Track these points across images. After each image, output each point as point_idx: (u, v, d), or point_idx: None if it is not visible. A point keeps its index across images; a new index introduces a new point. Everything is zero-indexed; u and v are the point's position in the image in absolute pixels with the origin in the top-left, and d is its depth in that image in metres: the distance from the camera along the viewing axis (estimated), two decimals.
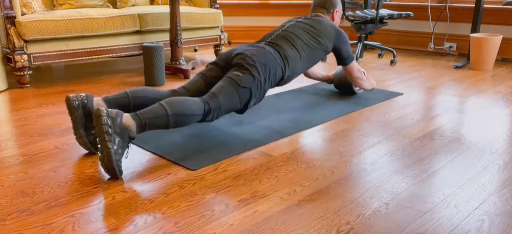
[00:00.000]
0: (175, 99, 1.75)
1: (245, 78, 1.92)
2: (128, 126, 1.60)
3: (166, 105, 1.70)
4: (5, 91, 2.86)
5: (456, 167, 1.72)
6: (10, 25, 2.83)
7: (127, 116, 1.62)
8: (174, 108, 1.71)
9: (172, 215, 1.37)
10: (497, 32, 3.97)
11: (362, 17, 3.60)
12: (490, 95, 2.76)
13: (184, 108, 1.73)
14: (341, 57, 2.42)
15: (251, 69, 1.95)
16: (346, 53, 2.40)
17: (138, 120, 1.63)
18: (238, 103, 1.92)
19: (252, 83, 1.94)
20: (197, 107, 1.78)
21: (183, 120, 1.74)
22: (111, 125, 1.54)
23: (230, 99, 1.89)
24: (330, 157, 1.81)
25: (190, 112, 1.75)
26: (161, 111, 1.68)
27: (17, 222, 1.33)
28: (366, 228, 1.30)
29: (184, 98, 1.78)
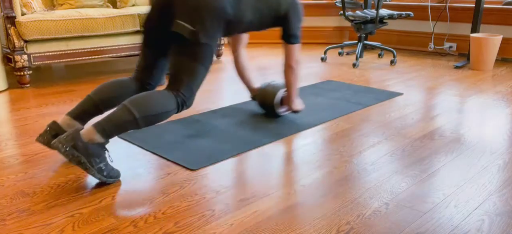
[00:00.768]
0: (141, 98, 1.58)
1: (201, 52, 1.67)
2: (94, 140, 1.50)
3: (132, 108, 1.54)
4: (5, 91, 2.85)
5: (456, 167, 1.72)
6: (10, 25, 2.83)
7: (88, 132, 1.50)
8: (143, 110, 1.55)
9: (172, 215, 1.37)
10: (497, 32, 3.97)
11: (362, 17, 3.60)
12: (490, 95, 2.76)
13: (154, 107, 1.58)
14: (287, 30, 2.05)
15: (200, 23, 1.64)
16: (294, 30, 2.06)
17: (102, 131, 1.52)
18: (206, 70, 1.72)
19: (211, 49, 1.70)
20: (169, 103, 1.62)
21: (155, 119, 1.60)
22: (77, 153, 1.47)
23: (199, 75, 1.69)
24: (330, 157, 1.81)
25: (162, 111, 1.60)
26: (128, 117, 1.53)
27: (17, 222, 1.33)
28: (366, 228, 1.30)
29: (152, 95, 1.60)
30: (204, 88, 2.91)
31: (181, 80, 1.66)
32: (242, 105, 2.52)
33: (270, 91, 2.27)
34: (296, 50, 2.11)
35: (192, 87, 1.68)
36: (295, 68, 2.13)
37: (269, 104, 2.27)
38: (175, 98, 1.65)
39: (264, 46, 4.73)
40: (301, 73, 3.38)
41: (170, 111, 1.63)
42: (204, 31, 1.64)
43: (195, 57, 1.66)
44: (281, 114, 2.32)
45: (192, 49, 1.65)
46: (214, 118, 2.28)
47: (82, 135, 1.50)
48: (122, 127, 1.53)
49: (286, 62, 2.13)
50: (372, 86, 2.97)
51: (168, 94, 1.64)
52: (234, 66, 2.38)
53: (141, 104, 1.56)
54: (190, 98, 1.69)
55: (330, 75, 3.31)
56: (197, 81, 1.69)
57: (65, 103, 2.58)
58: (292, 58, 2.11)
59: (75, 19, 2.98)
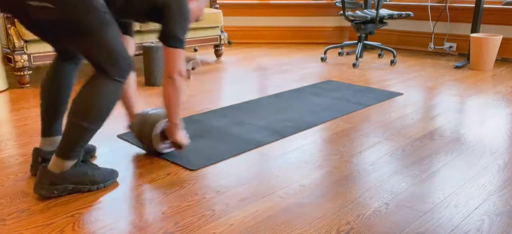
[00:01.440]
0: (83, 103, 1.42)
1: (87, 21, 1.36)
2: (65, 167, 1.45)
3: (79, 120, 1.41)
4: (5, 91, 2.85)
5: (456, 167, 1.72)
6: (10, 25, 2.83)
7: (55, 164, 1.45)
8: (90, 116, 1.41)
9: (172, 215, 1.37)
10: (497, 32, 3.97)
11: (362, 17, 3.60)
12: (490, 95, 2.76)
13: (99, 104, 1.42)
14: (166, 30, 1.57)
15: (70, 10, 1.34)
16: (177, 31, 1.56)
17: (67, 156, 1.45)
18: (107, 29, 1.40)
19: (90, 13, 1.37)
20: (108, 89, 1.43)
21: (107, 112, 1.45)
22: (61, 187, 1.45)
23: (106, 43, 1.40)
24: (330, 157, 1.81)
25: (108, 101, 1.43)
26: (81, 131, 1.42)
27: (17, 222, 1.33)
28: (366, 228, 1.30)
29: (91, 93, 1.42)
30: (204, 88, 2.91)
31: (98, 62, 1.42)
32: (242, 105, 2.52)
33: (149, 121, 1.73)
34: (178, 57, 1.60)
35: (112, 57, 1.42)
36: (177, 80, 1.61)
37: (147, 138, 1.73)
38: (111, 79, 1.44)
39: (264, 46, 4.73)
40: (300, 74, 3.38)
41: (116, 94, 1.45)
42: (63, 2, 1.32)
43: (85, 33, 1.37)
44: (163, 151, 1.77)
45: (72, 28, 1.36)
46: (214, 118, 2.28)
47: (52, 169, 1.45)
48: (80, 142, 1.44)
49: (165, 72, 1.61)
50: (372, 86, 2.97)
51: (102, 80, 1.43)
52: None
53: (86, 110, 1.41)
54: (121, 67, 1.44)
55: (330, 75, 3.31)
56: (111, 49, 1.41)
57: None
58: (172, 68, 1.60)
59: None
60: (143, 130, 1.74)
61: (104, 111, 1.44)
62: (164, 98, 1.65)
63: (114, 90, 1.44)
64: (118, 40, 1.43)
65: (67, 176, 1.47)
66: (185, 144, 1.75)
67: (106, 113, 1.45)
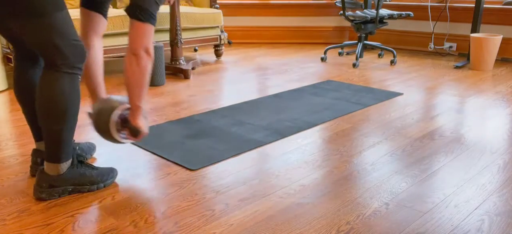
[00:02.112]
0: (45, 109, 1.36)
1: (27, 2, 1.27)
2: (61, 170, 1.44)
3: (50, 125, 1.37)
4: (5, 91, 2.85)
5: (456, 167, 1.72)
6: None
7: (50, 168, 1.43)
8: (59, 118, 1.37)
9: (172, 215, 1.37)
10: (497, 32, 3.97)
11: (362, 17, 3.60)
12: (490, 95, 2.76)
13: (61, 105, 1.35)
14: (135, 1, 1.42)
15: None
16: (146, 3, 1.41)
17: (59, 159, 1.43)
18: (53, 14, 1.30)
19: None
20: (62, 85, 1.35)
21: (76, 105, 1.39)
22: (61, 189, 1.46)
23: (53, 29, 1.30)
24: (330, 157, 1.81)
25: (68, 98, 1.36)
26: (56, 135, 1.39)
27: (17, 222, 1.33)
28: (366, 228, 1.30)
29: (48, 97, 1.35)
30: (204, 89, 2.91)
31: (47, 51, 1.33)
32: (242, 105, 2.52)
33: (109, 106, 1.54)
34: (146, 32, 1.43)
35: (62, 45, 1.32)
36: (143, 58, 1.44)
37: (104, 124, 1.54)
38: (62, 73, 1.35)
39: (264, 46, 4.73)
40: (300, 74, 3.38)
41: (74, 87, 1.37)
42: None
43: (35, 15, 1.27)
44: (120, 140, 1.57)
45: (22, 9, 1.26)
46: (214, 118, 2.28)
47: (49, 172, 1.44)
48: (62, 142, 1.40)
49: (129, 48, 1.44)
50: (372, 86, 2.97)
51: (54, 77, 1.34)
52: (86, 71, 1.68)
53: (51, 114, 1.36)
54: (72, 57, 1.35)
55: (330, 75, 3.31)
56: (62, 35, 1.32)
57: None
58: (139, 43, 1.42)
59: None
60: (101, 115, 1.54)
61: (69, 108, 1.37)
62: (125, 77, 1.47)
63: (69, 84, 1.35)
64: (69, 25, 1.33)
65: (65, 178, 1.46)
66: (144, 132, 1.57)
67: (72, 110, 1.38)
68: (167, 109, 2.44)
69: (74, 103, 1.38)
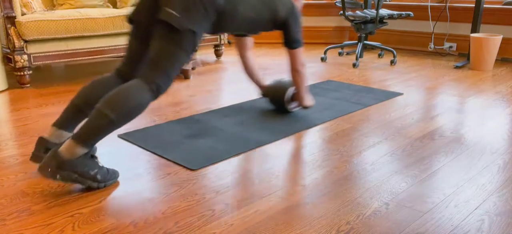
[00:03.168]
0: (114, 97, 1.51)
1: (185, 38, 1.61)
2: (76, 154, 1.47)
3: (107, 110, 1.48)
4: (5, 91, 2.86)
5: (456, 167, 1.72)
6: (10, 25, 2.83)
7: (68, 147, 1.47)
8: (117, 110, 1.49)
9: (172, 215, 1.37)
10: (497, 32, 3.97)
11: (362, 17, 3.60)
12: (490, 95, 2.76)
13: (128, 103, 1.51)
14: (288, 37, 2.09)
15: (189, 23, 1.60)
16: (296, 35, 2.09)
17: (82, 142, 1.47)
18: (187, 56, 1.65)
19: (195, 36, 1.63)
20: (142, 95, 1.55)
21: (132, 115, 1.54)
22: (65, 173, 1.46)
23: (178, 61, 1.62)
24: (330, 157, 1.81)
25: (136, 104, 1.53)
26: (104, 121, 1.48)
27: (17, 222, 1.33)
28: (366, 228, 1.30)
29: (124, 91, 1.53)
30: (204, 89, 2.91)
31: (158, 65, 1.59)
32: (242, 105, 2.52)
33: (280, 88, 2.34)
34: (299, 54, 2.16)
35: (169, 72, 1.60)
36: (301, 71, 2.20)
37: (280, 101, 2.34)
38: (149, 87, 1.57)
39: (264, 46, 4.73)
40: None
41: (145, 103, 1.56)
42: (189, 17, 1.59)
43: (177, 43, 1.59)
44: (291, 110, 2.37)
45: (176, 35, 1.59)
46: (214, 118, 2.28)
47: (62, 152, 1.46)
48: (101, 132, 1.48)
49: (292, 67, 2.20)
50: (372, 86, 2.97)
51: (140, 85, 1.56)
52: (243, 70, 2.45)
53: (115, 104, 1.49)
54: (166, 84, 1.61)
55: (330, 75, 3.31)
56: (175, 66, 1.61)
57: (65, 103, 2.58)
58: (297, 62, 2.17)
59: (75, 19, 2.98)
60: (277, 93, 2.35)
61: (132, 113, 1.52)
62: (295, 84, 2.25)
63: (146, 99, 1.55)
64: (181, 66, 1.65)
65: (75, 164, 1.47)
66: (311, 105, 2.34)
67: (132, 115, 1.53)
68: (167, 109, 2.44)
69: (136, 113, 1.55)
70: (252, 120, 2.25)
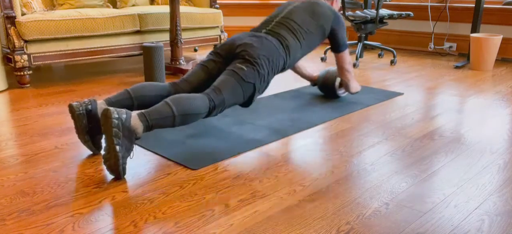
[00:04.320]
0: (181, 97, 1.72)
1: (249, 73, 1.90)
2: (136, 128, 1.59)
3: (172, 104, 1.68)
4: (5, 91, 2.86)
5: (456, 167, 1.72)
6: (10, 25, 2.83)
7: (135, 117, 1.60)
8: (181, 108, 1.68)
9: (172, 215, 1.37)
10: (497, 32, 3.97)
11: (362, 17, 3.60)
12: (490, 95, 2.76)
13: (191, 107, 1.71)
14: (336, 42, 2.37)
15: (255, 64, 1.92)
16: (342, 40, 2.36)
17: (145, 121, 1.61)
18: (242, 97, 1.91)
19: (256, 78, 1.92)
20: (202, 105, 1.75)
21: (189, 119, 1.72)
22: (120, 127, 1.53)
23: (234, 94, 1.87)
24: (330, 157, 1.81)
25: (196, 112, 1.73)
26: (168, 112, 1.66)
27: (17, 222, 1.33)
28: (366, 228, 1.30)
29: (190, 96, 1.75)
30: None
31: (219, 91, 1.83)
32: None
33: (329, 77, 2.64)
34: (347, 55, 2.44)
35: (225, 99, 1.84)
36: (349, 69, 2.48)
37: (331, 88, 2.64)
38: (208, 103, 1.78)
39: None
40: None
41: (202, 113, 1.76)
42: (255, 76, 1.92)
43: (239, 78, 1.88)
44: (341, 95, 2.68)
45: (246, 78, 1.89)
46: (214, 118, 2.28)
47: (132, 119, 1.58)
48: (162, 121, 1.65)
49: (341, 67, 2.47)
50: (372, 86, 2.97)
51: (203, 97, 1.78)
52: (293, 71, 2.79)
53: (180, 103, 1.69)
54: (219, 107, 1.83)
55: None
56: (231, 97, 1.86)
57: (65, 103, 2.58)
58: (346, 63, 2.45)
59: (75, 19, 2.98)
60: (327, 81, 2.64)
61: (189, 116, 1.71)
62: (344, 81, 2.52)
63: (203, 112, 1.77)
64: (236, 101, 1.91)
65: (130, 133, 1.57)
66: (358, 90, 2.60)
67: (188, 119, 1.72)
68: None
69: (191, 118, 1.73)
70: (253, 120, 2.25)
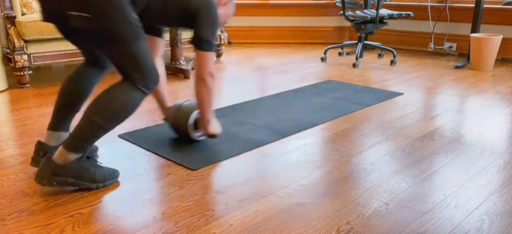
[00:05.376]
0: (102, 102, 1.47)
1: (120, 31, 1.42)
2: (69, 160, 1.47)
3: (95, 117, 1.45)
4: (5, 91, 2.85)
5: (456, 167, 1.72)
6: (10, 25, 2.83)
7: (61, 154, 1.46)
8: (106, 115, 1.46)
9: (172, 215, 1.37)
10: (497, 32, 3.97)
11: (362, 17, 3.60)
12: (490, 95, 2.76)
13: (117, 107, 1.47)
14: (198, 34, 1.68)
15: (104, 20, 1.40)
16: (206, 35, 1.68)
17: (74, 149, 1.47)
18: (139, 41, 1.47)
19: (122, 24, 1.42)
20: (131, 95, 1.49)
21: (123, 116, 1.50)
22: (61, 179, 1.47)
23: (137, 53, 1.46)
24: (330, 157, 1.81)
25: (127, 107, 1.48)
26: (93, 127, 1.46)
27: (17, 222, 1.33)
28: (366, 228, 1.30)
29: (111, 95, 1.48)
30: None
31: (126, 70, 1.48)
32: (242, 105, 2.52)
33: (183, 112, 1.91)
34: (209, 59, 1.73)
35: (140, 67, 1.48)
36: (209, 82, 1.76)
37: (183, 128, 1.91)
38: (135, 87, 1.49)
39: (264, 46, 4.73)
40: (300, 74, 3.38)
41: (136, 102, 1.50)
42: (99, 13, 1.39)
43: (117, 42, 1.43)
44: (197, 139, 1.95)
45: (106, 37, 1.43)
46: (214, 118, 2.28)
47: (56, 159, 1.47)
48: (92, 137, 1.48)
49: (197, 74, 1.75)
50: (372, 86, 2.97)
51: (126, 86, 1.49)
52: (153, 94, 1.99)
53: (103, 108, 1.46)
54: (147, 78, 1.50)
55: (330, 75, 3.31)
56: (140, 59, 1.48)
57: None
58: (204, 69, 1.73)
59: None
60: (178, 122, 1.92)
61: (120, 115, 1.49)
62: (197, 98, 1.80)
63: (136, 98, 1.50)
64: (147, 53, 1.50)
65: (69, 169, 1.47)
66: (218, 133, 1.90)
67: (122, 118, 1.50)
68: None
69: (126, 115, 1.50)
70: (252, 120, 2.25)
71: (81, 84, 1.67)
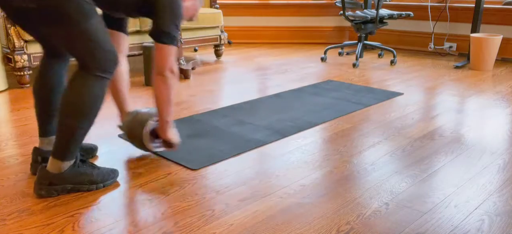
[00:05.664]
0: (70, 103, 1.40)
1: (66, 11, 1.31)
2: (63, 168, 1.46)
3: (69, 120, 1.40)
4: (5, 91, 2.85)
5: (456, 167, 1.72)
6: (10, 25, 2.83)
7: (53, 164, 1.45)
8: (79, 115, 1.40)
9: (172, 215, 1.37)
10: (497, 32, 3.97)
11: (362, 17, 3.60)
12: (490, 95, 2.76)
13: (86, 103, 1.40)
14: (157, 25, 1.52)
15: None
16: (168, 26, 1.51)
17: (64, 157, 1.45)
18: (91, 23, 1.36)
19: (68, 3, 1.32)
20: (93, 86, 1.40)
21: (95, 110, 1.43)
22: (60, 187, 1.47)
23: (88, 37, 1.36)
24: (330, 157, 1.81)
25: (94, 99, 1.41)
26: (72, 131, 1.41)
27: (17, 222, 1.33)
28: (366, 228, 1.30)
29: (75, 92, 1.40)
30: (204, 89, 2.91)
31: (79, 56, 1.39)
32: (242, 105, 2.52)
33: (140, 119, 1.71)
34: (169, 53, 1.55)
35: (94, 51, 1.38)
36: (169, 78, 1.57)
37: (137, 137, 1.71)
38: (92, 75, 1.40)
39: (264, 46, 4.73)
40: (300, 74, 3.38)
41: (100, 91, 1.42)
42: None
43: (65, 22, 1.32)
44: (154, 150, 1.75)
45: (52, 17, 1.32)
46: (214, 118, 2.28)
47: (50, 170, 1.46)
48: (74, 141, 1.43)
49: (155, 69, 1.58)
50: (372, 86, 2.97)
51: (83, 79, 1.40)
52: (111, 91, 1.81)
53: (70, 109, 1.40)
54: (103, 62, 1.40)
55: (330, 75, 3.31)
56: (93, 41, 1.37)
57: None
58: (163, 64, 1.55)
59: None
60: (134, 128, 1.71)
61: (92, 110, 1.42)
62: (155, 96, 1.62)
63: (98, 87, 1.41)
64: (101, 35, 1.39)
65: (65, 176, 1.47)
66: (176, 142, 1.72)
67: (94, 111, 1.43)
68: None
69: (98, 106, 1.43)
70: (252, 120, 2.25)
71: (49, 82, 1.60)
